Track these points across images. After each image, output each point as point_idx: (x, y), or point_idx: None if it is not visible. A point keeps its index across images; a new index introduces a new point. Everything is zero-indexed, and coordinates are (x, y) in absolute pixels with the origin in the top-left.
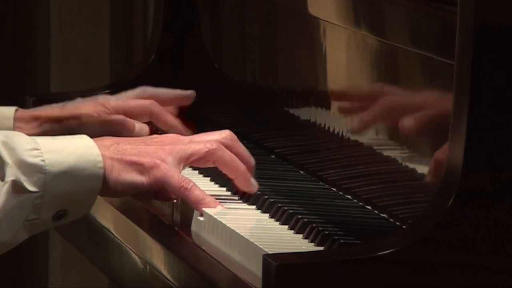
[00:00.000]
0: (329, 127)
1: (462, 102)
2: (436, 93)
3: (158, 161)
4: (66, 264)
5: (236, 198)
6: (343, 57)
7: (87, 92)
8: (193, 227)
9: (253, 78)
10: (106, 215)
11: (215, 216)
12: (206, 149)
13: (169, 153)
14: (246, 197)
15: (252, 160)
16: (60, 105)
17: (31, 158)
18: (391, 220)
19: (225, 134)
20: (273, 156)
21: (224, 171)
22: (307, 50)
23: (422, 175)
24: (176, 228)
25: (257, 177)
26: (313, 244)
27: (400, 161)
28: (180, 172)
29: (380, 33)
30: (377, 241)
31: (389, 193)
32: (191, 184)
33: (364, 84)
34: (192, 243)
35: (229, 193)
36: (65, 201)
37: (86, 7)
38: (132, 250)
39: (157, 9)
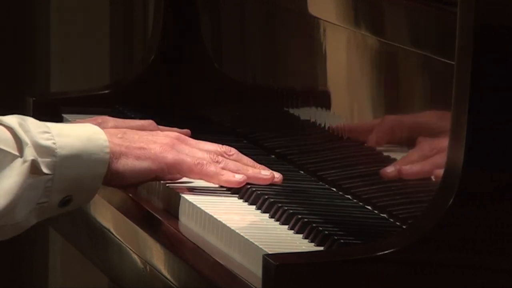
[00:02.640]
0: (329, 127)
1: (462, 102)
2: (436, 93)
3: (167, 147)
4: (66, 264)
5: (236, 197)
6: (343, 57)
7: (87, 92)
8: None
9: (253, 78)
10: (106, 215)
11: (215, 216)
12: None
13: (176, 145)
14: (246, 196)
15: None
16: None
17: (44, 140)
18: (391, 220)
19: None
20: (273, 156)
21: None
22: (307, 50)
23: None
24: (176, 229)
25: None
26: (313, 244)
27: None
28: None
29: (380, 33)
30: (377, 241)
31: (389, 193)
32: (205, 160)
33: (364, 84)
34: (192, 243)
35: (228, 192)
36: (72, 186)
37: (86, 7)
38: (132, 250)
39: (157, 9)
